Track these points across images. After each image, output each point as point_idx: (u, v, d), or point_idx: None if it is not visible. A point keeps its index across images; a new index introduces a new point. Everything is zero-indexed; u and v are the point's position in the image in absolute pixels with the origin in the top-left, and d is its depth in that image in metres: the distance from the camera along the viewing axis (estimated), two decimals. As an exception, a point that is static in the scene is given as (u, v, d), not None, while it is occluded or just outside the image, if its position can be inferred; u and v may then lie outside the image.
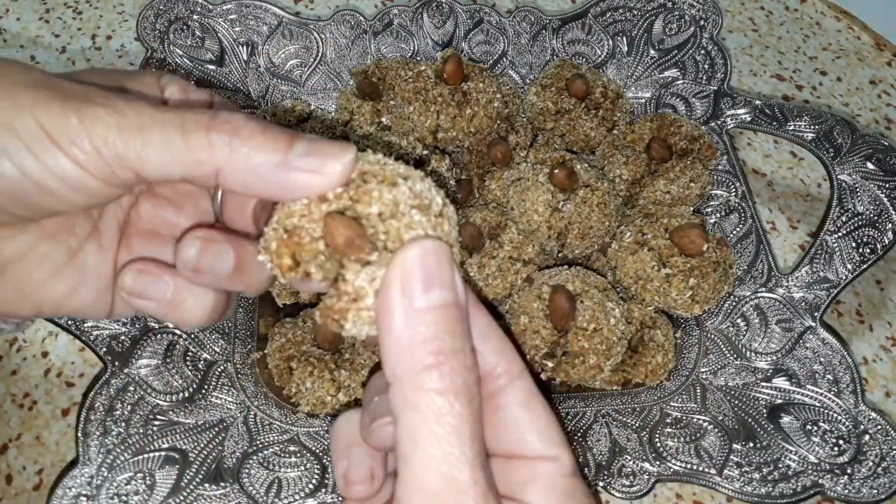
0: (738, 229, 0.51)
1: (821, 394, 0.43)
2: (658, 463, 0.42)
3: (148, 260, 0.26)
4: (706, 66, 0.57)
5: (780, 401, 0.44)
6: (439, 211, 0.23)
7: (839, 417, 0.42)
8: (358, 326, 0.22)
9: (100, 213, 0.27)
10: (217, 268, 0.24)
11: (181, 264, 0.24)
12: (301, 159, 0.22)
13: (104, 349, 0.43)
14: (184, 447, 0.41)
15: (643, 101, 0.59)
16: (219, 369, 0.44)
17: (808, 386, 0.44)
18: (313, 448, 0.42)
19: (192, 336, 0.45)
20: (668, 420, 0.44)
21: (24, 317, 0.27)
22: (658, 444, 0.42)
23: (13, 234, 0.24)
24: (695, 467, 0.41)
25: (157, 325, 0.44)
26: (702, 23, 0.58)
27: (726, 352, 0.46)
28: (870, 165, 0.48)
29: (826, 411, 0.43)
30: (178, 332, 0.45)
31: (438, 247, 0.21)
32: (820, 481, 0.40)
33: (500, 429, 0.23)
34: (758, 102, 0.55)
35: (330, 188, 0.22)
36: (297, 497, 0.40)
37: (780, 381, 0.45)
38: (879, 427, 0.42)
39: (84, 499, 0.38)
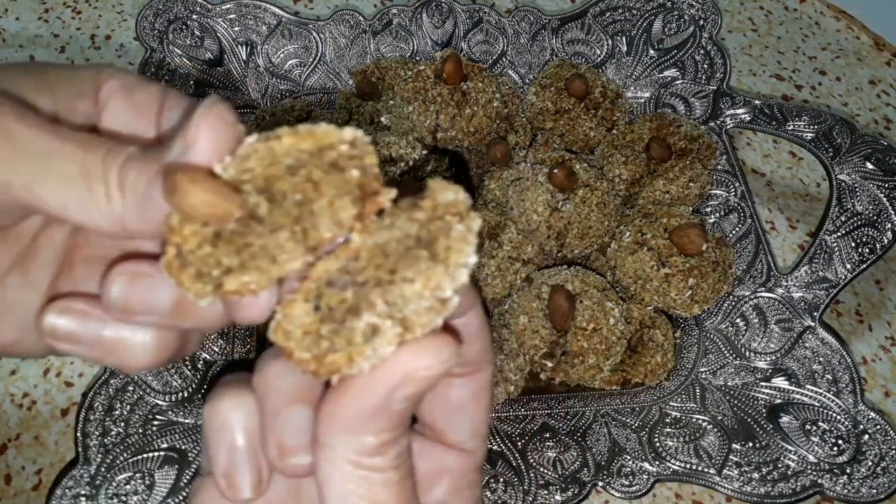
0: (737, 229, 0.51)
1: (820, 393, 0.43)
2: (657, 463, 0.42)
3: (76, 295, 0.22)
4: (705, 66, 0.57)
5: (779, 400, 0.44)
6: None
7: (838, 417, 0.42)
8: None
9: (32, 239, 0.23)
10: (152, 306, 0.20)
11: (106, 306, 0.20)
12: (170, 153, 0.19)
13: (103, 349, 0.43)
14: (183, 447, 0.41)
15: (642, 100, 0.59)
16: (218, 369, 0.44)
17: (808, 386, 0.44)
18: (312, 448, 0.42)
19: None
20: (667, 420, 0.44)
21: None
22: (657, 444, 0.42)
23: None
24: (694, 467, 0.41)
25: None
26: (701, 22, 0.58)
27: (725, 352, 0.46)
28: (869, 165, 0.48)
29: (825, 411, 0.43)
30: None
31: (450, 363, 0.18)
32: (819, 481, 0.40)
33: (441, 405, 0.22)
34: (757, 102, 0.55)
35: (204, 159, 0.18)
36: (296, 497, 0.40)
37: (780, 381, 0.45)
38: (878, 427, 0.42)
39: (83, 499, 0.38)
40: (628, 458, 0.42)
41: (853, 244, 0.47)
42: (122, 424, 0.41)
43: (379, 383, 0.18)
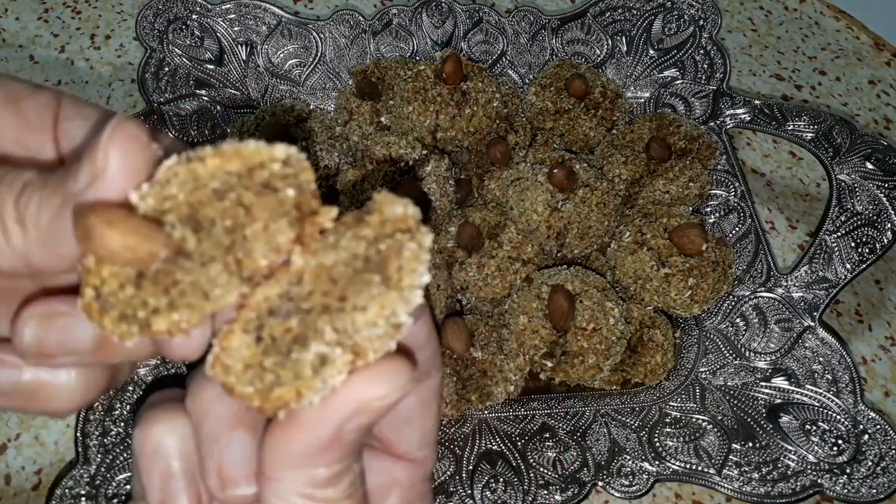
0: (737, 229, 0.51)
1: (820, 393, 0.43)
2: (657, 463, 0.42)
3: (53, 296, 0.19)
4: (705, 66, 0.57)
5: (779, 400, 0.44)
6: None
7: (838, 417, 0.42)
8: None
9: None
10: (72, 346, 0.18)
11: (20, 353, 0.18)
12: (76, 180, 0.16)
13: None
14: (183, 447, 0.41)
15: (642, 100, 0.59)
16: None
17: (808, 386, 0.44)
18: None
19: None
20: (667, 420, 0.44)
21: None
22: (657, 444, 0.42)
23: None
24: (694, 467, 0.41)
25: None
26: (701, 22, 0.58)
27: (725, 351, 0.46)
28: (869, 165, 0.48)
29: (825, 411, 0.43)
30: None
31: (406, 389, 0.17)
32: (819, 481, 0.40)
33: (389, 416, 0.20)
34: (757, 102, 0.55)
35: (115, 188, 0.16)
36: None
37: (780, 381, 0.45)
38: (878, 427, 0.42)
39: (83, 499, 0.38)
40: (628, 458, 0.42)
41: (853, 244, 0.47)
42: (122, 424, 0.41)
43: (331, 416, 0.17)
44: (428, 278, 0.17)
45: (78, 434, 0.40)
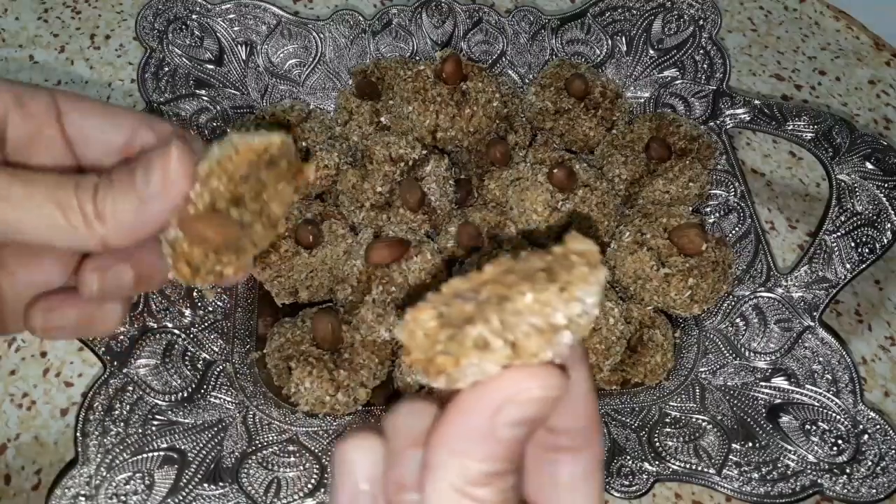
0: (736, 229, 0.51)
1: (820, 393, 0.43)
2: (657, 462, 0.42)
3: (50, 295, 0.27)
4: (705, 66, 0.57)
5: (778, 400, 0.44)
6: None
7: (838, 417, 0.42)
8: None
9: None
10: (119, 286, 0.26)
11: (87, 295, 0.25)
12: (145, 184, 0.23)
13: (103, 349, 0.43)
14: (182, 447, 0.41)
15: (642, 100, 0.59)
16: (217, 369, 0.44)
17: (807, 385, 0.44)
18: (312, 448, 0.42)
19: (191, 336, 0.45)
20: (667, 420, 0.44)
21: None
22: (657, 444, 0.42)
23: None
24: (694, 467, 0.41)
25: (155, 325, 0.44)
26: (701, 22, 0.58)
27: (725, 351, 0.46)
28: (869, 165, 0.48)
29: (825, 411, 0.43)
30: (177, 331, 0.45)
31: (556, 391, 0.18)
32: (819, 481, 0.40)
33: (549, 482, 0.21)
34: (757, 102, 0.55)
35: (181, 192, 0.23)
36: (295, 497, 0.40)
37: (779, 381, 0.45)
38: (878, 427, 0.42)
39: (83, 499, 0.38)
40: (628, 458, 0.42)
41: (853, 244, 0.47)
42: (122, 424, 0.41)
43: (482, 401, 0.18)
44: (595, 304, 0.18)
45: (78, 434, 0.40)
